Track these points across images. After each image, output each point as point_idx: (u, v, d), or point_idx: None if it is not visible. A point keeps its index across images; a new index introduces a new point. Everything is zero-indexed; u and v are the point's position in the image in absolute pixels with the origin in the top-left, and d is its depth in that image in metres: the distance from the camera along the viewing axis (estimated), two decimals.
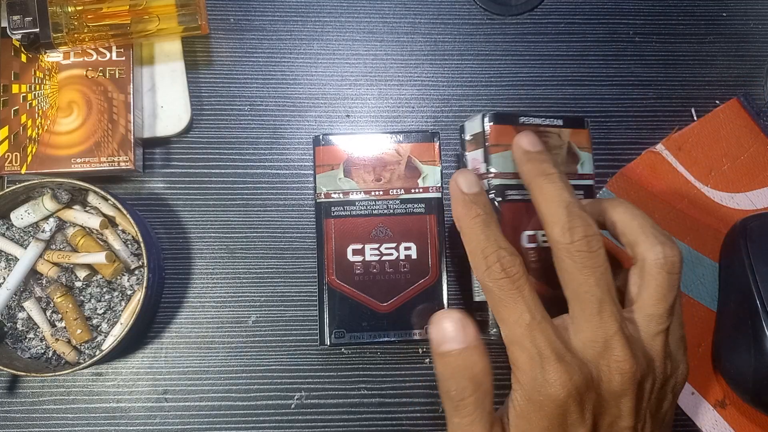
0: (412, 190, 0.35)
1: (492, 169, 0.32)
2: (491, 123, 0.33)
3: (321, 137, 0.35)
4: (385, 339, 0.34)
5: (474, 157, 0.33)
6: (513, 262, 0.28)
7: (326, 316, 0.34)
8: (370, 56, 0.41)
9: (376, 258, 0.34)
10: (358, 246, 0.34)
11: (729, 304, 0.37)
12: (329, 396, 0.38)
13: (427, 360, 0.38)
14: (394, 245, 0.35)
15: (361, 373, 0.38)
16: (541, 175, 0.30)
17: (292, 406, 0.38)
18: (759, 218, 0.38)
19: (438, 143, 0.36)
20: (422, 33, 0.41)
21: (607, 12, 0.42)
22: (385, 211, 0.35)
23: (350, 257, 0.34)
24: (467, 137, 0.34)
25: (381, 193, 0.35)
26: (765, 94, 0.41)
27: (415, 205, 0.35)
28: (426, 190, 0.35)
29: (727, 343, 0.37)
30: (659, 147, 0.40)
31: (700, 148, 0.40)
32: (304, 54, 0.40)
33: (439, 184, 0.35)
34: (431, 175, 0.35)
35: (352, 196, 0.35)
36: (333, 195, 0.34)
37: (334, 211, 0.34)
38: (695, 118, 0.41)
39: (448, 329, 0.27)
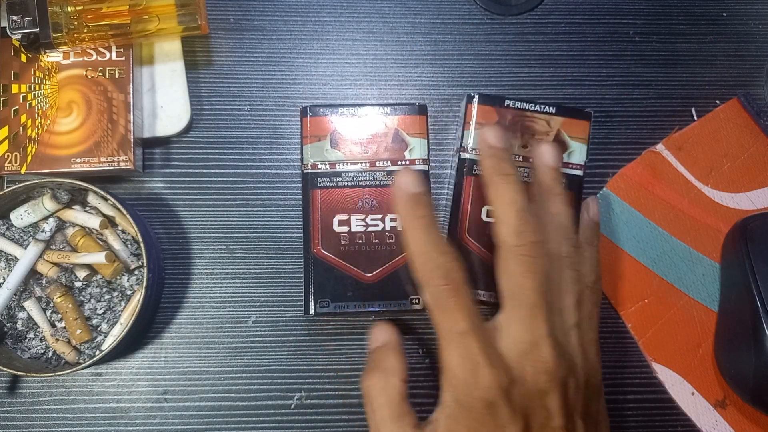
0: (399, 162, 0.35)
1: (468, 145, 0.35)
2: (478, 104, 0.35)
3: (308, 108, 0.35)
4: (370, 309, 0.34)
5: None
6: (456, 268, 0.28)
7: (311, 286, 0.34)
8: (370, 56, 0.41)
9: (362, 229, 0.34)
10: (344, 216, 0.34)
11: (729, 304, 0.37)
12: (329, 396, 0.38)
13: (427, 360, 0.38)
14: (379, 216, 0.35)
15: (361, 373, 0.38)
16: (499, 173, 0.31)
17: (292, 406, 0.38)
18: (759, 218, 0.38)
19: (425, 116, 0.36)
20: (422, 33, 0.41)
21: (607, 12, 0.42)
22: (372, 182, 0.35)
23: (336, 228, 0.34)
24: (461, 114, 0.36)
25: (367, 164, 0.35)
26: (765, 94, 0.41)
27: None
28: (413, 162, 0.35)
29: (727, 343, 0.37)
30: (659, 147, 0.40)
31: (701, 148, 0.40)
32: (304, 54, 0.40)
33: (426, 157, 0.36)
34: (418, 148, 0.35)
35: (339, 168, 0.35)
36: (320, 166, 0.35)
37: (320, 182, 0.35)
38: (695, 118, 0.41)
39: (375, 335, 0.32)
